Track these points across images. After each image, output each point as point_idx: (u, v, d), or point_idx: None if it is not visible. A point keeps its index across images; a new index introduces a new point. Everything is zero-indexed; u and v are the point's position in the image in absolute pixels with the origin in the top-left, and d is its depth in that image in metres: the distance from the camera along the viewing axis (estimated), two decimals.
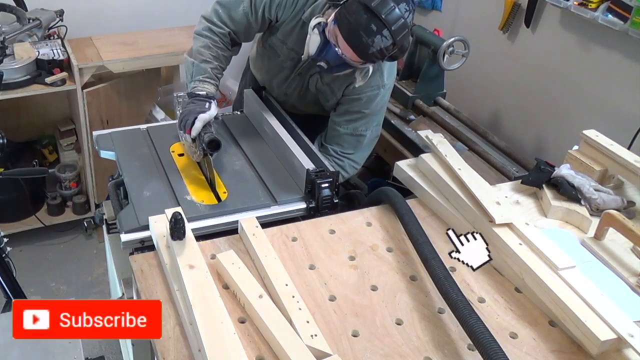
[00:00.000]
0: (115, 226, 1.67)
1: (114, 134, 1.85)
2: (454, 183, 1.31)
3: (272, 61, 1.85)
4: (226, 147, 1.81)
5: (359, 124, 1.77)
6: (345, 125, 1.78)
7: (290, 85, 1.85)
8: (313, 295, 1.11)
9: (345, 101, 1.77)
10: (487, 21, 2.33)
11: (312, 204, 1.53)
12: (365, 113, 1.75)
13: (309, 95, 1.84)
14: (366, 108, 1.75)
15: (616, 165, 1.40)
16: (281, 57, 1.80)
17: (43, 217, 2.90)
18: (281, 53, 1.79)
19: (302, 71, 1.79)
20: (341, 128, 1.79)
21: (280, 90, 1.90)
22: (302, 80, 1.81)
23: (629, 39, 1.76)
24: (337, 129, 1.80)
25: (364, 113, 1.75)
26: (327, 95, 1.79)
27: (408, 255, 1.22)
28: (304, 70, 1.78)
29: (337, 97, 1.77)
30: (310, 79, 1.79)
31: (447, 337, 1.04)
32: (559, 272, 1.08)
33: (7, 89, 2.42)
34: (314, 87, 1.79)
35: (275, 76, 1.88)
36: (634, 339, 0.96)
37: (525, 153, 2.06)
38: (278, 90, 1.91)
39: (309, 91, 1.83)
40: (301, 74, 1.80)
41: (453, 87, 2.33)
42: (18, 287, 1.92)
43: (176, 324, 1.04)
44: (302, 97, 1.87)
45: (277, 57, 1.81)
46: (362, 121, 1.77)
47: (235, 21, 1.72)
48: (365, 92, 1.71)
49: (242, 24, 1.72)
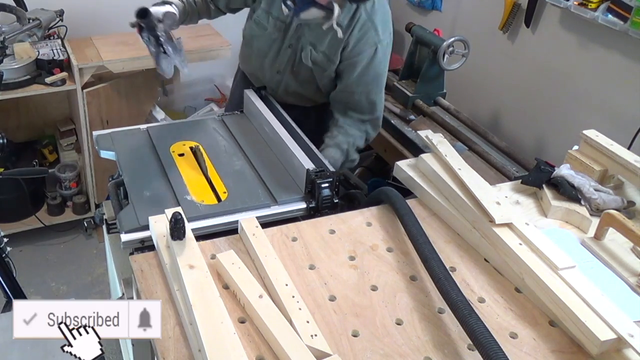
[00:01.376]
0: (115, 226, 1.67)
1: (114, 134, 1.85)
2: (454, 183, 1.31)
3: (261, 40, 1.86)
4: (226, 147, 1.81)
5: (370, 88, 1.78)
6: (357, 88, 1.78)
7: (282, 59, 1.85)
8: (313, 295, 1.11)
9: (346, 67, 1.76)
10: (487, 21, 2.33)
11: (312, 204, 1.53)
12: (369, 74, 1.76)
13: (303, 69, 1.84)
14: (369, 69, 1.75)
15: (616, 165, 1.40)
16: (268, 29, 1.82)
17: (43, 217, 2.90)
18: (268, 25, 1.81)
19: (293, 42, 1.80)
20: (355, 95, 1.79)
21: (273, 71, 1.90)
22: (294, 53, 1.82)
23: (629, 39, 1.76)
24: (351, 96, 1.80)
25: (368, 74, 1.76)
26: (323, 65, 1.79)
27: (408, 255, 1.22)
28: (294, 41, 1.79)
29: (335, 63, 1.77)
30: (302, 52, 1.80)
31: (447, 337, 1.04)
32: (559, 272, 1.08)
33: (7, 89, 2.43)
34: (308, 59, 1.80)
35: (266, 55, 1.88)
36: (634, 339, 0.96)
37: (525, 153, 2.06)
38: (271, 72, 1.91)
39: (302, 65, 1.82)
40: (292, 46, 1.81)
41: (453, 87, 2.33)
42: (18, 287, 1.92)
43: (176, 324, 1.04)
44: (295, 73, 1.87)
45: (265, 31, 1.84)
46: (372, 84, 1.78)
47: None
48: (362, 52, 1.72)
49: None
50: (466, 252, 1.24)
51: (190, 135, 1.85)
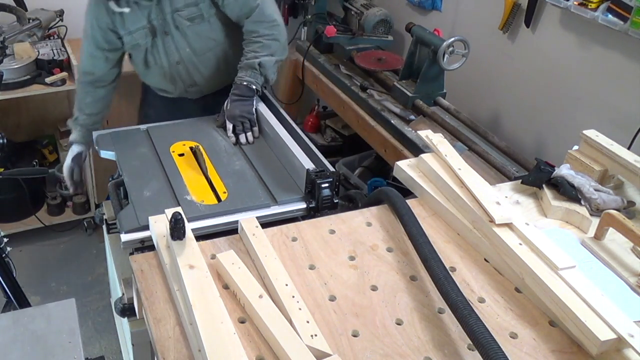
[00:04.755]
0: (115, 226, 1.67)
1: (114, 134, 1.86)
2: (454, 183, 1.31)
3: (146, 52, 1.94)
4: (226, 147, 1.81)
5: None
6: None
7: (170, 48, 1.92)
8: (313, 295, 1.11)
9: None
10: (487, 21, 2.33)
11: (312, 204, 1.53)
12: None
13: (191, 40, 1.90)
14: None
15: (616, 165, 1.40)
16: (139, 42, 1.90)
17: (43, 217, 2.90)
18: (138, 39, 1.89)
19: (163, 26, 1.87)
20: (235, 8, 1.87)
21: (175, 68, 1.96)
22: (172, 32, 1.88)
23: (629, 39, 1.75)
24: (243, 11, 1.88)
25: None
26: (198, 13, 1.86)
27: (408, 255, 1.22)
28: (161, 23, 1.86)
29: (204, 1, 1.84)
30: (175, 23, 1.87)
31: (447, 337, 1.04)
32: (559, 272, 1.08)
33: (7, 89, 2.43)
34: (183, 22, 1.87)
35: (159, 58, 1.94)
36: (634, 339, 0.96)
37: (525, 153, 2.06)
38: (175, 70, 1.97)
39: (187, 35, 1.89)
40: (165, 30, 1.88)
41: (453, 87, 2.33)
42: (18, 287, 1.92)
43: (176, 324, 1.04)
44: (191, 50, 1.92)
45: (140, 47, 1.92)
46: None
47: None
48: None
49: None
50: (466, 252, 1.24)
51: (190, 135, 1.85)
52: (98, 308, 2.65)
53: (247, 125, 1.85)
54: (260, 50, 1.88)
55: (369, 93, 2.37)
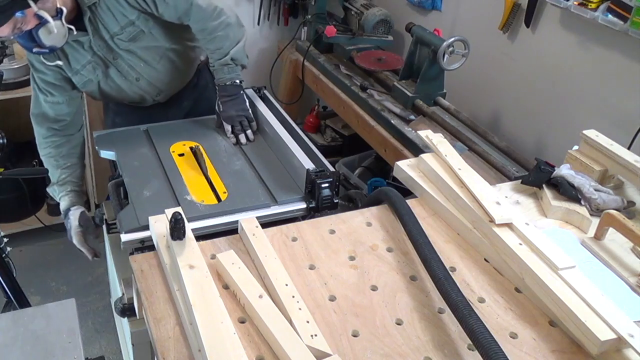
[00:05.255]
0: (115, 226, 1.67)
1: (114, 134, 1.86)
2: (454, 183, 1.31)
3: (97, 87, 1.88)
4: (226, 147, 1.81)
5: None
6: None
7: (124, 70, 1.85)
8: (313, 295, 1.11)
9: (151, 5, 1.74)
10: (487, 21, 2.33)
11: (312, 204, 1.53)
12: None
13: (142, 54, 1.83)
14: None
15: (616, 165, 1.40)
16: (90, 77, 1.83)
17: (43, 217, 2.90)
18: (88, 75, 1.82)
19: (108, 53, 1.80)
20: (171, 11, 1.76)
21: (134, 86, 1.90)
22: (121, 56, 1.81)
23: (629, 39, 1.75)
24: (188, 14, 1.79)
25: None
26: (137, 30, 1.77)
27: (408, 255, 1.22)
28: (106, 52, 1.79)
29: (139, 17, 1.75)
30: (120, 48, 1.79)
31: (447, 337, 1.04)
32: (559, 272, 1.08)
33: (7, 89, 2.43)
34: (126, 42, 1.78)
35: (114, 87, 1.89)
36: (634, 339, 0.96)
37: (525, 153, 2.06)
38: (135, 88, 1.91)
39: (137, 53, 1.82)
40: (114, 55, 1.81)
41: (453, 87, 2.33)
42: (18, 287, 1.92)
43: (176, 324, 1.04)
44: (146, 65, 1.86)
45: (92, 82, 1.85)
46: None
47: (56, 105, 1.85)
48: None
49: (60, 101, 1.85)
50: (466, 252, 1.24)
51: (190, 135, 1.85)
52: (98, 308, 2.65)
53: (245, 123, 1.84)
54: (222, 44, 1.82)
55: (369, 93, 2.37)
